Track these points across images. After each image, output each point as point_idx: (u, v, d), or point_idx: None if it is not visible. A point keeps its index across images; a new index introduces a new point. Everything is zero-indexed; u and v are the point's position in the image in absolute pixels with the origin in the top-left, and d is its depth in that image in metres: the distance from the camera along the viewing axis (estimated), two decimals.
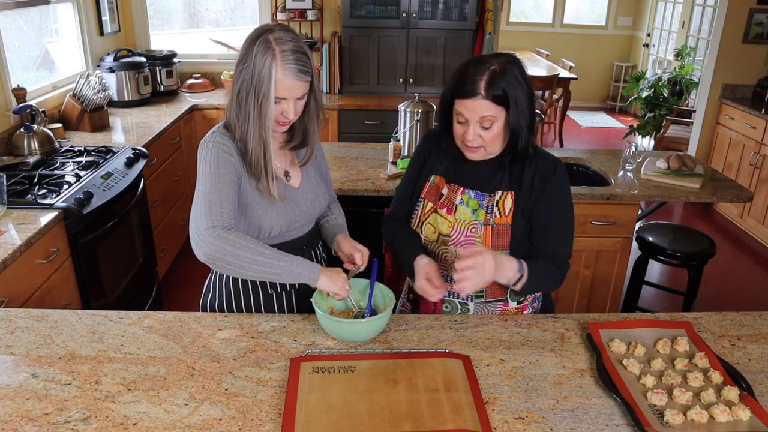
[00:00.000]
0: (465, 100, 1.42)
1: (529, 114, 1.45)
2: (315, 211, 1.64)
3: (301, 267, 1.42)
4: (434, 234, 1.57)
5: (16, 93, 2.95)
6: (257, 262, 1.37)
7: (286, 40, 1.39)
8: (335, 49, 4.25)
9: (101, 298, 2.49)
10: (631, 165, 2.71)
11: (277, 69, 1.37)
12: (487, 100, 1.40)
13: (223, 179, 1.42)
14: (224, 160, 1.44)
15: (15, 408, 1.18)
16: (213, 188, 1.41)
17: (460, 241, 1.52)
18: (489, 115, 1.41)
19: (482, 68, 1.40)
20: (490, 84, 1.39)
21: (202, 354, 1.37)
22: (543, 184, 1.50)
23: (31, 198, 2.28)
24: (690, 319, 1.57)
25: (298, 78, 1.40)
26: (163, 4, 5.02)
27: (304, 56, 1.41)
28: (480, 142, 1.46)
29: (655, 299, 3.63)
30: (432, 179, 1.61)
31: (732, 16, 4.61)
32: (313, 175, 1.65)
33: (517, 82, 1.41)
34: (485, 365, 1.36)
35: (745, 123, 4.51)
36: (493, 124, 1.43)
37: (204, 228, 1.37)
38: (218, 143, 1.45)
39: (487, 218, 1.51)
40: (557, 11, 8.28)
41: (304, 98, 1.47)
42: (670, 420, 1.18)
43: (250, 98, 1.40)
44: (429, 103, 2.85)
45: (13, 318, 1.48)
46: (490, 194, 1.53)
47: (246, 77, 1.40)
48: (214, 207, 1.39)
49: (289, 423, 1.14)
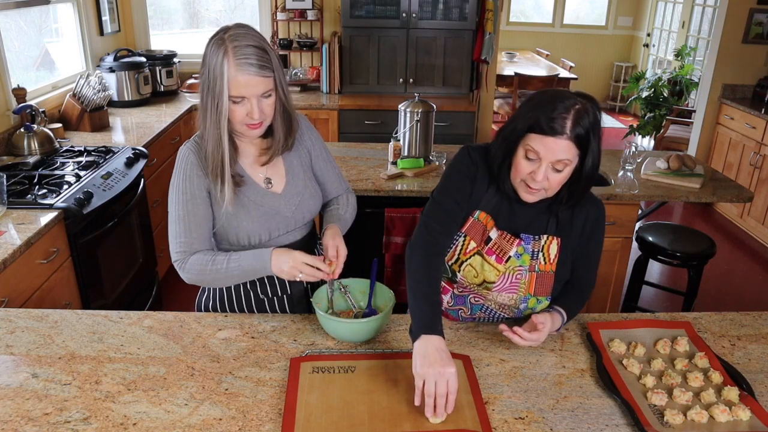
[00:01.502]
0: (546, 137, 1.26)
1: (598, 155, 1.33)
2: (302, 216, 1.57)
3: (251, 261, 1.43)
4: (477, 278, 1.47)
5: (16, 93, 2.95)
6: (218, 278, 1.46)
7: (240, 35, 1.32)
8: (335, 49, 4.25)
9: (101, 298, 2.49)
10: (631, 165, 2.72)
11: (230, 65, 1.30)
12: (570, 141, 1.26)
13: (189, 205, 1.44)
14: (190, 180, 1.44)
15: (15, 408, 1.18)
16: (177, 216, 1.45)
17: (504, 288, 1.47)
18: (566, 158, 1.28)
19: (569, 105, 1.26)
20: (575, 124, 1.26)
21: (202, 354, 1.37)
22: (592, 230, 1.47)
23: (31, 198, 2.28)
24: (690, 319, 1.57)
25: (254, 73, 1.31)
26: (163, 4, 5.02)
27: (260, 51, 1.32)
28: (545, 185, 1.33)
29: (655, 299, 3.63)
30: (477, 215, 1.45)
31: (732, 16, 4.61)
32: (301, 178, 1.57)
33: (596, 125, 1.29)
34: (485, 365, 1.36)
35: (745, 123, 4.51)
36: (566, 168, 1.30)
37: (174, 261, 1.47)
38: (187, 159, 1.44)
39: (532, 264, 1.45)
40: (557, 11, 8.28)
41: (270, 97, 1.38)
42: (670, 420, 1.18)
43: (208, 100, 1.34)
44: (429, 103, 2.85)
45: (13, 318, 1.48)
46: (536, 238, 1.44)
47: (203, 80, 1.35)
48: (178, 238, 1.45)
49: (289, 423, 1.14)
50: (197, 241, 1.46)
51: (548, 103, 1.28)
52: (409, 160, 2.75)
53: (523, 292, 1.47)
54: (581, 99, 1.29)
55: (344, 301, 1.55)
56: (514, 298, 1.48)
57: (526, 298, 1.47)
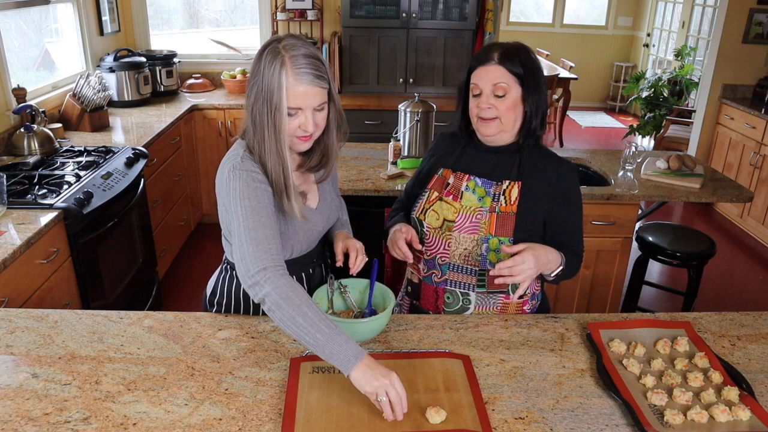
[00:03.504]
0: (479, 68, 1.49)
1: (542, 96, 1.50)
2: (329, 227, 1.60)
3: (340, 348, 1.18)
4: (438, 220, 1.58)
5: (16, 93, 2.95)
6: (295, 322, 1.21)
7: (296, 45, 1.29)
8: (335, 49, 4.25)
9: (101, 298, 2.49)
10: (631, 165, 2.72)
11: (288, 75, 1.26)
12: (500, 65, 1.47)
13: (264, 212, 1.32)
14: (260, 190, 1.33)
15: (15, 408, 1.18)
16: (257, 224, 1.30)
17: (465, 227, 1.54)
18: (502, 81, 1.46)
19: (496, 45, 1.51)
20: (503, 55, 1.47)
21: (202, 354, 1.37)
22: (560, 184, 1.54)
23: (31, 198, 2.28)
24: (690, 319, 1.57)
25: (313, 84, 1.29)
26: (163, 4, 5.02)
27: (317, 61, 1.30)
28: (495, 113, 1.48)
29: (655, 299, 3.63)
30: (440, 172, 1.64)
31: (732, 16, 4.61)
32: (329, 191, 1.58)
33: (529, 60, 1.49)
34: (485, 365, 1.36)
35: (745, 123, 4.51)
36: (507, 94, 1.47)
37: (255, 271, 1.26)
38: (250, 171, 1.34)
39: (492, 206, 1.53)
40: (557, 11, 8.28)
41: (323, 109, 1.35)
42: (670, 420, 1.18)
43: (264, 112, 1.30)
44: (429, 103, 2.85)
45: (13, 318, 1.49)
46: (497, 182, 1.55)
47: (257, 91, 1.30)
48: (261, 245, 1.28)
49: (289, 423, 1.14)
50: (278, 252, 1.31)
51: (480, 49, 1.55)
52: (409, 160, 2.75)
53: (483, 232, 1.52)
54: (511, 42, 1.52)
55: (344, 301, 1.55)
56: (476, 239, 1.53)
57: (486, 238, 1.52)
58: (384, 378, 1.15)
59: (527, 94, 1.48)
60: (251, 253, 1.28)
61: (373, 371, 1.16)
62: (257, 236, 1.29)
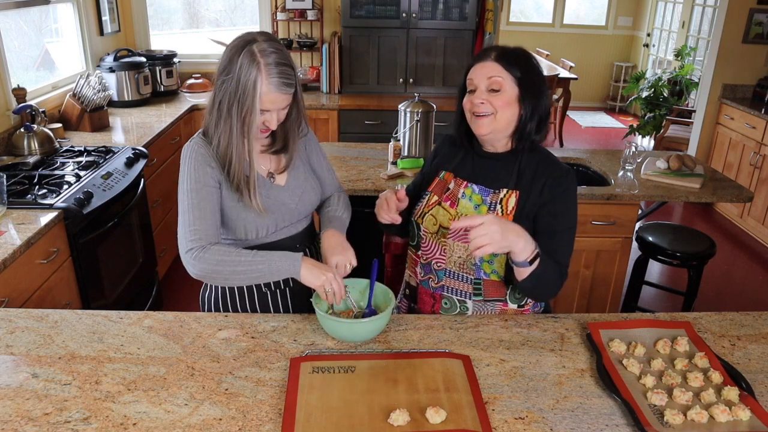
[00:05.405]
0: (476, 66, 1.49)
1: (541, 101, 1.48)
2: (305, 208, 1.63)
3: (281, 261, 1.42)
4: (435, 226, 1.58)
5: (16, 93, 2.95)
6: (237, 272, 1.42)
7: (270, 51, 1.38)
8: (335, 49, 4.25)
9: (101, 298, 2.49)
10: (631, 165, 2.71)
11: (262, 83, 1.37)
12: (495, 62, 1.46)
13: (202, 193, 1.45)
14: (203, 171, 1.45)
15: (15, 408, 1.18)
16: (191, 205, 1.44)
17: (459, 235, 1.52)
18: (497, 75, 1.45)
19: (496, 46, 1.52)
20: (501, 53, 1.47)
21: (202, 354, 1.37)
22: (552, 191, 1.50)
23: (31, 198, 2.28)
24: (690, 319, 1.57)
25: (283, 91, 1.40)
26: (163, 4, 5.02)
27: (288, 68, 1.41)
28: (489, 109, 1.46)
29: (655, 299, 3.63)
30: (442, 175, 1.64)
31: (732, 16, 4.61)
32: (302, 170, 1.63)
33: (528, 63, 1.49)
34: (485, 365, 1.36)
35: (745, 123, 4.51)
36: (502, 89, 1.45)
37: (185, 251, 1.43)
38: (197, 152, 1.47)
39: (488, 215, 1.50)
40: (557, 11, 8.28)
41: (286, 108, 1.47)
42: (670, 420, 1.18)
43: (233, 110, 1.40)
44: (429, 103, 2.85)
45: (13, 318, 1.49)
46: (495, 191, 1.54)
47: (229, 89, 1.39)
48: (192, 226, 1.43)
49: (289, 423, 1.14)
50: (211, 229, 1.45)
51: (481, 51, 1.55)
52: (409, 160, 2.75)
53: None
54: (512, 46, 1.51)
55: (344, 301, 1.54)
56: (469, 248, 1.45)
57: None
58: (328, 272, 1.41)
59: (524, 97, 1.47)
60: (183, 235, 1.44)
61: (318, 268, 1.42)
62: (189, 218, 1.44)
